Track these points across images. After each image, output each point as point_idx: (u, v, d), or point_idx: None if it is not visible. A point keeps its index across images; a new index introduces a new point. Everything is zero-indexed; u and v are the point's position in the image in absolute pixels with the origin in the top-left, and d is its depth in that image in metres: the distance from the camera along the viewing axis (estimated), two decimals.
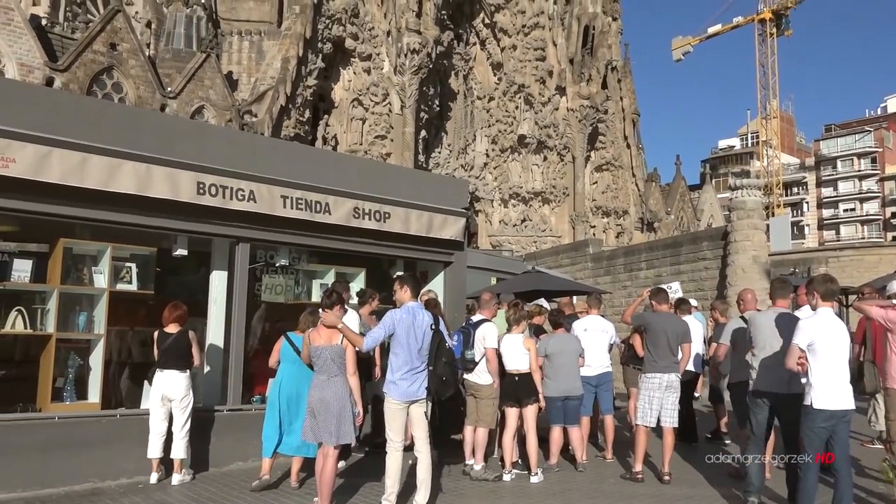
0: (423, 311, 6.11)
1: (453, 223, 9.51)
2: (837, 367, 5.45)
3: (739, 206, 20.14)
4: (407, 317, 5.88)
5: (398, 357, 5.85)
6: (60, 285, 6.99)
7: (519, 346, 7.41)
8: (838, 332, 5.52)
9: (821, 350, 5.42)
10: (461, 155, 41.80)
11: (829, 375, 5.40)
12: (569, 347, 7.91)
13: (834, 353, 5.45)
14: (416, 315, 5.94)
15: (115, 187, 6.58)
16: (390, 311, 5.99)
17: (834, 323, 5.57)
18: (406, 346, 5.84)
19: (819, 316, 5.59)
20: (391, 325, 5.85)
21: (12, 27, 24.70)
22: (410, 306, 6.00)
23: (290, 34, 31.58)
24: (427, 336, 5.96)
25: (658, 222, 46.06)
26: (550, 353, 7.74)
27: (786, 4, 64.41)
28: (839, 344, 5.49)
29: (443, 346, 6.12)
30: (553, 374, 7.70)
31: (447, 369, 6.09)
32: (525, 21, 41.85)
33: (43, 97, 7.18)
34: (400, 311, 5.94)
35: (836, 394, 5.40)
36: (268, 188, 7.64)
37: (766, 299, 7.65)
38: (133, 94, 26.78)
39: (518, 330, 7.53)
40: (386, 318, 5.95)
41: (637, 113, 46.57)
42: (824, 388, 5.39)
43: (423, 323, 5.96)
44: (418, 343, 5.88)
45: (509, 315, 7.61)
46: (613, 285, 23.93)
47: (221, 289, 7.94)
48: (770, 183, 63.75)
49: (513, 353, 7.41)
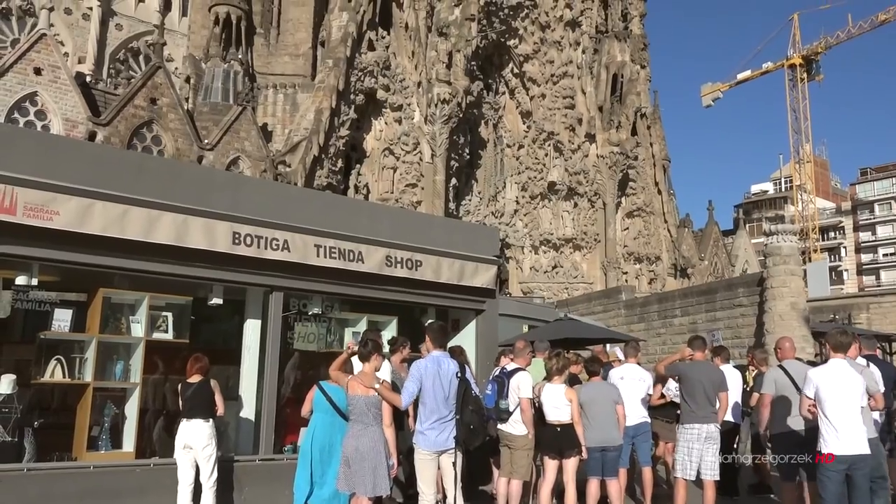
0: (448, 359, 6.08)
1: (485, 271, 9.49)
2: (846, 414, 5.76)
3: (775, 252, 19.83)
4: (432, 366, 5.87)
5: (426, 407, 5.82)
6: (99, 334, 7.10)
7: (561, 396, 7.25)
8: (847, 381, 5.84)
9: (827, 398, 5.78)
10: (491, 202, 42.01)
11: (837, 422, 5.72)
12: (605, 396, 7.73)
13: (842, 401, 5.77)
14: (442, 364, 5.92)
15: (153, 238, 6.72)
16: (416, 363, 5.98)
17: (843, 373, 5.90)
18: (433, 395, 5.82)
19: (828, 366, 5.99)
20: (419, 376, 5.82)
21: (59, 84, 25.73)
22: (435, 355, 5.98)
23: (323, 87, 32.37)
24: (453, 384, 5.92)
25: (691, 268, 45.49)
26: (585, 402, 7.57)
27: (816, 50, 64.39)
28: (849, 392, 5.82)
29: (469, 394, 6.06)
30: (589, 424, 7.53)
31: (474, 417, 6.01)
32: (554, 70, 42.39)
33: (86, 151, 7.42)
34: (425, 360, 5.93)
35: (847, 439, 5.70)
36: (301, 237, 7.72)
37: (804, 347, 7.47)
38: (171, 146, 27.54)
39: (560, 380, 7.37)
40: (413, 370, 5.94)
41: (667, 159, 46.50)
42: (833, 435, 5.72)
43: (449, 371, 5.93)
44: (444, 392, 5.84)
45: (551, 365, 7.47)
46: (647, 332, 23.58)
47: (255, 337, 7.99)
48: (806, 228, 62.81)
49: (554, 403, 7.24)
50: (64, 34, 40.05)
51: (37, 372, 6.90)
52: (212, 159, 28.31)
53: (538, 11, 41.81)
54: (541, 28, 42.06)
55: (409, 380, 5.93)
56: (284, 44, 35.04)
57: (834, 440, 5.70)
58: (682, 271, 44.59)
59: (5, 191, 5.87)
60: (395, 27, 35.79)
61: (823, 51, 64.36)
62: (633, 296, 27.36)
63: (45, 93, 25.53)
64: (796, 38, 65.72)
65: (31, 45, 25.70)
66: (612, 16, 44.94)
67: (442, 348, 6.20)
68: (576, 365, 8.62)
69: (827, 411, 5.76)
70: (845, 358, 6.10)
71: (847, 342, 6.14)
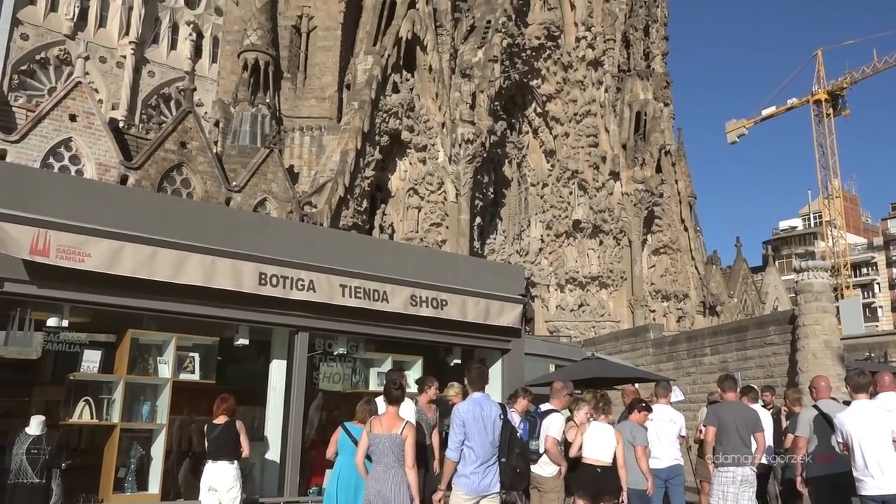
0: (489, 401, 5.96)
1: (510, 310, 9.44)
2: (878, 455, 5.72)
3: (806, 289, 19.46)
4: (474, 409, 5.74)
5: (472, 451, 5.65)
6: (126, 375, 7.15)
7: (609, 435, 7.05)
8: (875, 421, 5.83)
9: (857, 441, 5.78)
10: (516, 241, 41.99)
11: (871, 464, 5.70)
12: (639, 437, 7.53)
13: (872, 441, 5.75)
14: (484, 406, 5.80)
15: (182, 279, 6.79)
16: (457, 407, 5.87)
17: (869, 413, 5.92)
18: (477, 439, 5.66)
19: (852, 409, 6.03)
20: (461, 421, 5.67)
21: (93, 130, 26.43)
22: (476, 398, 5.86)
23: (349, 128, 32.86)
24: (497, 427, 5.78)
25: (720, 306, 44.83)
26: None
27: (841, 85, 64.14)
28: (878, 432, 5.79)
29: (514, 437, 5.95)
30: None
31: (520, 461, 5.89)
32: (577, 109, 42.63)
33: (116, 195, 7.59)
34: (467, 404, 5.80)
35: (882, 480, 5.66)
36: (327, 277, 7.76)
37: (840, 386, 7.30)
38: (200, 188, 28.03)
39: (606, 419, 7.21)
40: (455, 416, 5.82)
41: (693, 196, 46.24)
42: (868, 477, 5.70)
43: (492, 414, 5.79)
44: (489, 435, 5.70)
45: (599, 403, 7.31)
46: (677, 372, 23.15)
47: (280, 378, 7.99)
48: (837, 264, 61.78)
49: (600, 441, 7.01)
50: (98, 82, 41.29)
51: (65, 413, 6.95)
52: (239, 201, 28.73)
53: (560, 52, 42.26)
54: (563, 68, 42.46)
55: (453, 428, 5.76)
56: (311, 87, 35.74)
57: (870, 482, 5.67)
58: (711, 309, 43.95)
59: (39, 234, 6.00)
60: (419, 70, 36.36)
61: (849, 86, 64.09)
62: (662, 334, 26.94)
63: (79, 138, 26.22)
64: (821, 74, 65.63)
65: (67, 93, 26.50)
66: (635, 55, 45.25)
67: (481, 390, 6.07)
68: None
69: (858, 454, 5.75)
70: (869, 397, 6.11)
71: (866, 382, 6.13)
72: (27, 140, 25.33)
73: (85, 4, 42.87)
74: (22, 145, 25.15)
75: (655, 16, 46.60)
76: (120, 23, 43.96)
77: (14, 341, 6.58)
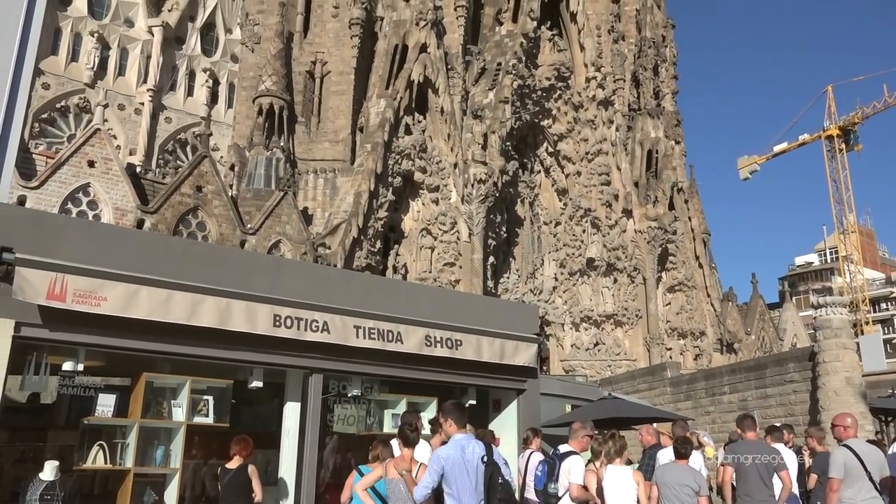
0: (472, 441, 5.65)
1: (525, 349, 9.37)
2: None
3: (825, 325, 19.21)
4: (455, 452, 5.45)
5: (451, 498, 5.36)
6: (141, 419, 7.13)
7: (628, 478, 6.82)
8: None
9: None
10: (530, 279, 41.88)
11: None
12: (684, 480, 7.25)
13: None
14: (465, 448, 5.50)
15: (196, 321, 6.81)
16: (437, 450, 5.64)
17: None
18: (456, 485, 5.36)
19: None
20: (439, 467, 5.37)
21: (110, 175, 26.86)
22: (458, 439, 5.57)
23: (362, 170, 33.17)
24: (480, 471, 5.45)
25: (738, 343, 44.29)
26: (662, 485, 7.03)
27: (852, 120, 64.15)
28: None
29: (495, 481, 5.51)
30: None
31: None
32: (588, 148, 42.87)
33: (133, 239, 7.66)
34: (447, 447, 5.50)
35: None
36: (341, 319, 7.75)
37: (863, 424, 7.14)
38: (215, 231, 28.29)
39: (622, 461, 7.03)
40: (433, 459, 5.53)
41: (707, 232, 46.09)
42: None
43: (474, 456, 5.47)
44: (471, 480, 5.38)
45: (609, 447, 7.08)
46: (695, 411, 22.79)
47: (294, 420, 7.93)
48: (855, 299, 61.03)
49: (620, 486, 6.76)
50: (117, 128, 42.13)
51: (79, 458, 6.92)
52: (254, 243, 28.94)
53: (571, 92, 42.69)
54: (574, 108, 42.84)
55: (428, 471, 5.46)
56: (324, 130, 36.22)
57: None
58: (729, 346, 43.42)
59: (56, 278, 6.06)
60: (431, 111, 36.81)
61: (860, 121, 64.08)
62: (679, 372, 26.60)
63: (97, 183, 26.64)
64: (832, 110, 65.74)
65: (86, 140, 27.01)
66: (645, 94, 45.61)
67: (463, 429, 5.75)
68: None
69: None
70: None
71: None
72: (46, 186, 25.75)
73: (105, 54, 44.03)
74: (41, 191, 25.56)
75: (664, 55, 47.09)
76: (138, 71, 45.05)
77: (30, 386, 6.60)
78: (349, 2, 36.67)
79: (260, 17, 36.49)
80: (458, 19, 39.57)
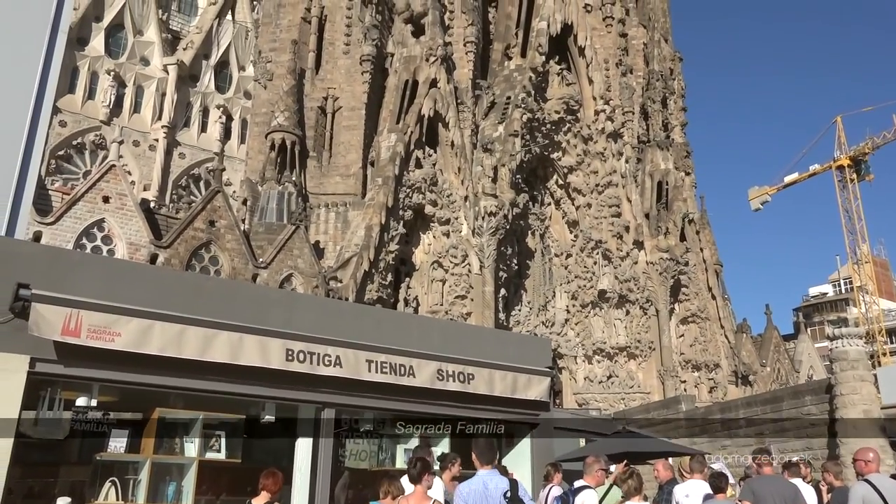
0: (496, 477, 5.69)
1: (538, 382, 9.30)
2: None
3: (841, 357, 18.99)
4: (478, 486, 5.49)
5: None
6: (153, 455, 7.11)
7: None
8: None
9: None
10: (541, 312, 41.72)
11: None
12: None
13: None
14: (488, 484, 5.54)
15: (209, 356, 6.82)
16: (459, 486, 5.65)
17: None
18: None
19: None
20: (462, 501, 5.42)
21: (125, 211, 27.17)
22: (482, 475, 5.63)
23: (373, 204, 33.38)
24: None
25: (753, 375, 43.75)
26: None
27: (863, 150, 64.08)
28: None
29: None
30: None
31: None
32: (598, 180, 43.00)
33: (146, 274, 7.73)
34: (469, 482, 5.56)
35: None
36: (353, 353, 7.74)
37: (883, 459, 7.02)
38: (228, 265, 28.45)
39: (639, 498, 6.98)
40: (456, 495, 5.58)
41: (719, 263, 45.85)
42: None
43: (497, 492, 5.51)
44: None
45: (630, 484, 7.05)
46: (711, 445, 22.44)
47: (306, 455, 7.88)
48: (871, 330, 60.32)
49: None
50: (131, 164, 42.73)
51: (91, 494, 6.89)
52: (266, 277, 29.06)
53: (580, 125, 42.98)
54: (583, 140, 43.08)
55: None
56: (336, 165, 36.56)
57: None
58: (744, 378, 42.89)
59: (71, 314, 6.10)
60: (442, 145, 37.13)
61: (871, 151, 64.00)
62: (694, 405, 26.28)
63: (111, 219, 26.94)
64: (841, 140, 65.70)
65: (101, 176, 27.39)
66: (654, 126, 45.84)
67: (489, 465, 5.85)
68: None
69: None
70: None
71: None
72: (62, 222, 26.06)
73: (121, 92, 44.87)
74: (56, 227, 25.86)
75: (672, 88, 47.40)
76: (153, 108, 45.83)
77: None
78: (360, 39, 37.26)
79: (272, 54, 37.12)
80: (468, 55, 40.07)
